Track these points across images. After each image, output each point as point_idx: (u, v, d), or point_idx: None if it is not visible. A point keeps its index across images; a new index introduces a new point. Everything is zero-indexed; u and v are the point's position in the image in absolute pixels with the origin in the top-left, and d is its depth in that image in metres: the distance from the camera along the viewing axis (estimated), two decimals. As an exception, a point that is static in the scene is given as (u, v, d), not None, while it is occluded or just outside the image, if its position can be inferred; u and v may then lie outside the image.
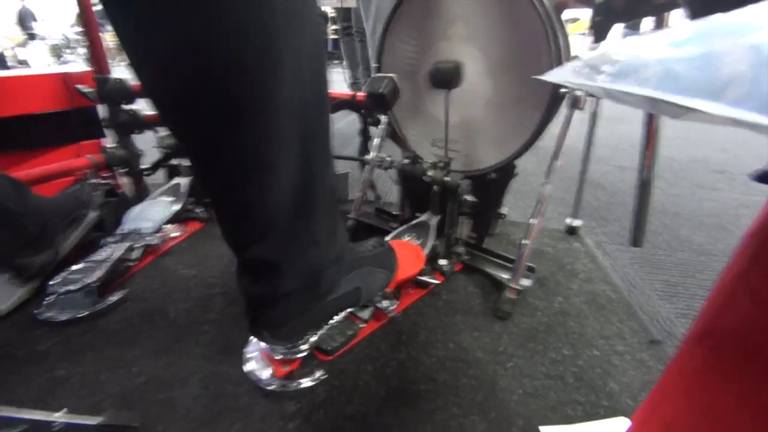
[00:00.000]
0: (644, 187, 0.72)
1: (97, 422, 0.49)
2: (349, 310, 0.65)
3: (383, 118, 0.96)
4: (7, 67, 5.46)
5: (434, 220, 0.85)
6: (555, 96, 0.65)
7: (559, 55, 0.61)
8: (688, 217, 1.26)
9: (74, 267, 0.74)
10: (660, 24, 0.63)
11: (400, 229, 0.85)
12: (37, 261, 0.75)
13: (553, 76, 0.21)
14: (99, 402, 0.55)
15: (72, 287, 0.70)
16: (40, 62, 6.54)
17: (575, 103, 0.66)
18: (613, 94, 0.17)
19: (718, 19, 0.17)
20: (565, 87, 0.62)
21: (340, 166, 1.26)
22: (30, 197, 0.74)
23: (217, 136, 0.41)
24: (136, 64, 0.38)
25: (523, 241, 0.75)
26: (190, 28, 0.34)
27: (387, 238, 0.82)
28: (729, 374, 0.19)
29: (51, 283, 0.70)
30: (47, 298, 0.73)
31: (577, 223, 1.05)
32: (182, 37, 0.35)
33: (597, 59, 0.21)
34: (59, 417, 0.49)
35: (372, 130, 1.13)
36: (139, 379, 0.59)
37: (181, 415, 0.53)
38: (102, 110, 1.05)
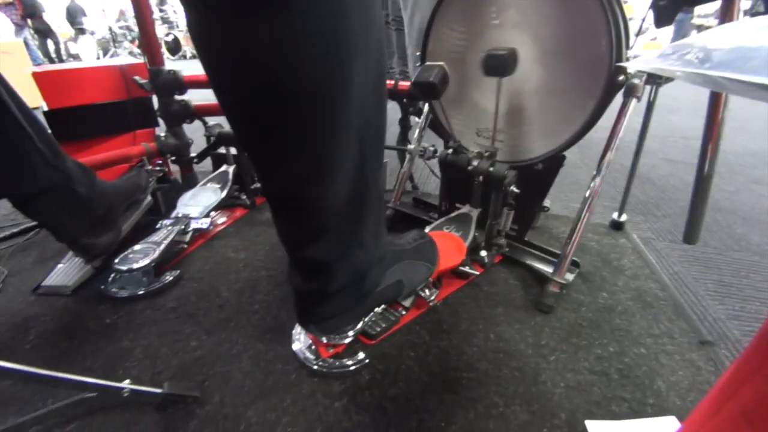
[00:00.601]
0: (704, 181, 0.68)
1: (161, 390, 0.54)
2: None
3: (425, 108, 0.96)
4: (62, 61, 5.79)
5: (475, 213, 0.85)
6: (611, 84, 0.62)
7: (619, 40, 0.58)
8: (744, 214, 1.19)
9: (135, 247, 0.80)
10: (730, 8, 0.59)
11: (441, 220, 0.86)
12: (102, 241, 0.80)
13: (639, 63, 0.21)
14: (161, 372, 0.60)
15: (133, 266, 0.75)
16: (89, 56, 6.91)
17: (632, 91, 0.63)
18: (717, 81, 0.17)
19: None
20: (624, 74, 0.60)
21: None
22: (97, 182, 0.80)
23: (285, 138, 0.41)
24: (210, 68, 0.39)
25: (568, 237, 0.73)
26: (267, 39, 0.34)
27: (427, 230, 0.82)
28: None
29: (115, 261, 0.76)
30: (111, 276, 0.79)
31: (623, 218, 1.01)
32: (257, 46, 0.35)
33: (688, 47, 0.21)
34: (127, 385, 0.53)
35: (412, 119, 1.13)
36: (196, 353, 0.63)
37: (235, 388, 0.57)
38: (155, 100, 1.10)
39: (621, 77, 0.62)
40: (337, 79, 0.38)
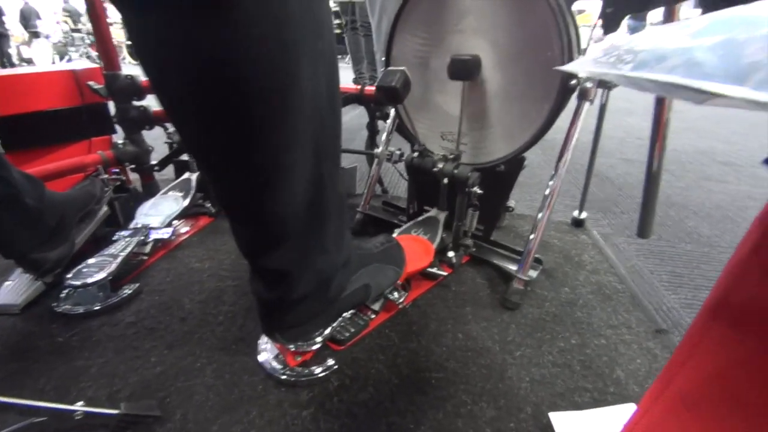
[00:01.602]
0: (653, 178, 0.72)
1: (117, 411, 0.51)
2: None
3: (391, 112, 0.97)
4: (13, 65, 5.47)
5: (442, 216, 0.86)
6: (565, 88, 0.65)
7: (570, 46, 0.61)
8: (695, 209, 1.26)
9: (90, 261, 0.76)
10: (670, 15, 0.63)
11: (409, 224, 0.86)
12: (53, 255, 0.76)
13: (573, 66, 0.22)
14: (119, 391, 0.57)
15: (87, 280, 0.71)
16: (44, 60, 6.56)
17: (585, 95, 0.66)
18: (638, 81, 0.18)
19: (732, 12, 0.18)
20: (576, 78, 0.63)
21: (348, 161, 1.27)
22: (46, 193, 0.76)
23: (234, 145, 0.40)
24: (148, 69, 0.38)
25: (531, 235, 0.75)
26: (208, 41, 0.34)
27: (395, 234, 0.83)
28: (745, 345, 0.19)
29: (67, 276, 0.72)
30: (63, 292, 0.75)
31: (583, 215, 1.06)
32: (198, 48, 0.34)
33: (616, 50, 0.22)
34: (79, 407, 0.50)
35: (379, 124, 1.13)
36: (156, 369, 0.60)
37: (199, 403, 0.55)
38: (112, 107, 1.06)
39: (573, 81, 0.64)
40: (284, 83, 0.38)
